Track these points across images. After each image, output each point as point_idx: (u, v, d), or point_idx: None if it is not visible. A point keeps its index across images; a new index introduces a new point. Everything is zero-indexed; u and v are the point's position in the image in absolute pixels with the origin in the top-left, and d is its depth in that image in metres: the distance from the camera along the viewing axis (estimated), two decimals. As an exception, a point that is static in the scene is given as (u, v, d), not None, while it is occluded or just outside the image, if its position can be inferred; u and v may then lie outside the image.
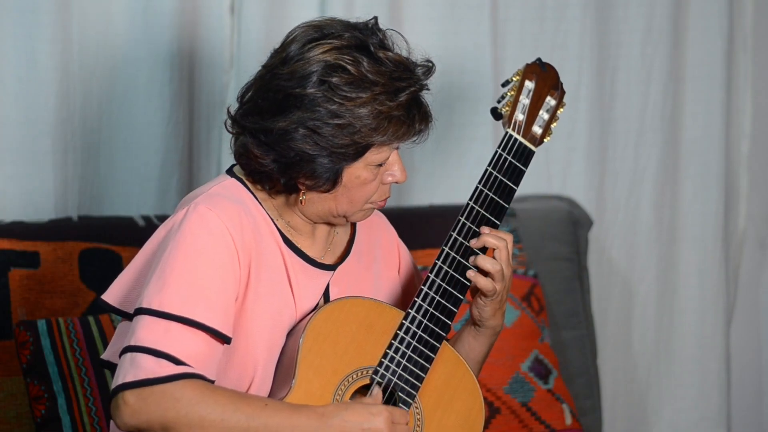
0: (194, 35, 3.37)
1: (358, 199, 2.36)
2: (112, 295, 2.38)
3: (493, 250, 2.42)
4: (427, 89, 2.36)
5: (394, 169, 2.37)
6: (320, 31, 2.32)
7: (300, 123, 2.28)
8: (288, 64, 2.30)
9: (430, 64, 2.37)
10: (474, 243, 2.41)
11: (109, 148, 3.33)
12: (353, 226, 2.53)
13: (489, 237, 2.41)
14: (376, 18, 2.36)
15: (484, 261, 2.40)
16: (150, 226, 3.11)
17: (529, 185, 3.67)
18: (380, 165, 2.34)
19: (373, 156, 2.32)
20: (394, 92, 2.29)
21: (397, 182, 2.38)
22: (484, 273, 2.42)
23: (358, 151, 2.30)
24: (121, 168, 3.34)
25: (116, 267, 3.01)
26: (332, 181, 2.32)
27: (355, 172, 2.33)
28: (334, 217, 2.39)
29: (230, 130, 2.38)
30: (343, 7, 3.45)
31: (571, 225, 3.56)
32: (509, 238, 2.43)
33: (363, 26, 2.34)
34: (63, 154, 3.27)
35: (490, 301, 2.44)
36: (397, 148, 2.36)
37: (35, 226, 3.09)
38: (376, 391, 2.34)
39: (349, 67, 2.27)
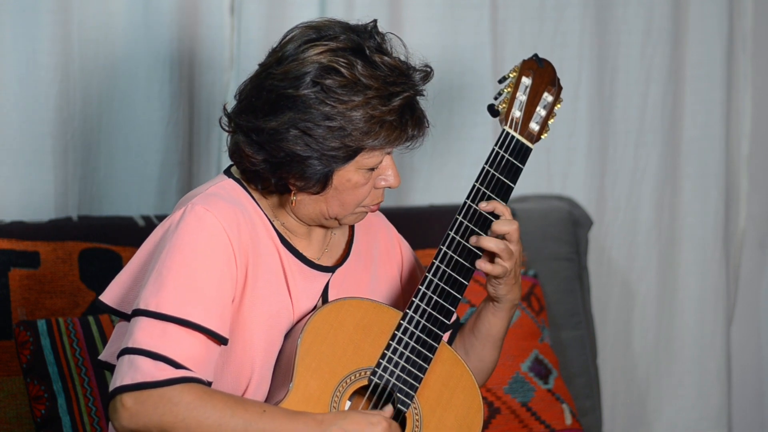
0: (194, 35, 3.37)
1: (350, 202, 2.35)
2: (109, 296, 2.38)
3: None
4: (423, 95, 2.33)
5: (388, 173, 2.35)
6: (318, 32, 2.31)
7: (292, 124, 2.27)
8: (283, 64, 2.29)
9: (429, 69, 2.34)
10: (481, 242, 2.39)
11: (109, 148, 3.33)
12: (351, 227, 2.51)
13: (499, 225, 2.39)
14: (375, 21, 2.34)
15: (488, 241, 2.39)
16: (150, 226, 3.10)
17: (529, 185, 3.68)
18: (372, 169, 2.33)
19: (364, 159, 2.31)
20: (387, 97, 2.27)
21: (390, 187, 2.36)
22: (490, 256, 2.40)
23: (349, 154, 2.28)
24: (121, 168, 3.34)
25: (116, 267, 3.01)
26: (322, 183, 2.31)
27: (346, 175, 2.31)
28: (326, 220, 2.38)
29: (225, 127, 2.37)
30: (343, 7, 3.45)
31: (571, 225, 3.56)
32: (517, 224, 2.41)
33: (362, 29, 2.32)
34: (63, 154, 3.27)
35: (504, 280, 2.43)
36: (390, 153, 2.35)
37: (35, 226, 3.08)
38: (389, 409, 2.34)
39: (342, 69, 2.26)
